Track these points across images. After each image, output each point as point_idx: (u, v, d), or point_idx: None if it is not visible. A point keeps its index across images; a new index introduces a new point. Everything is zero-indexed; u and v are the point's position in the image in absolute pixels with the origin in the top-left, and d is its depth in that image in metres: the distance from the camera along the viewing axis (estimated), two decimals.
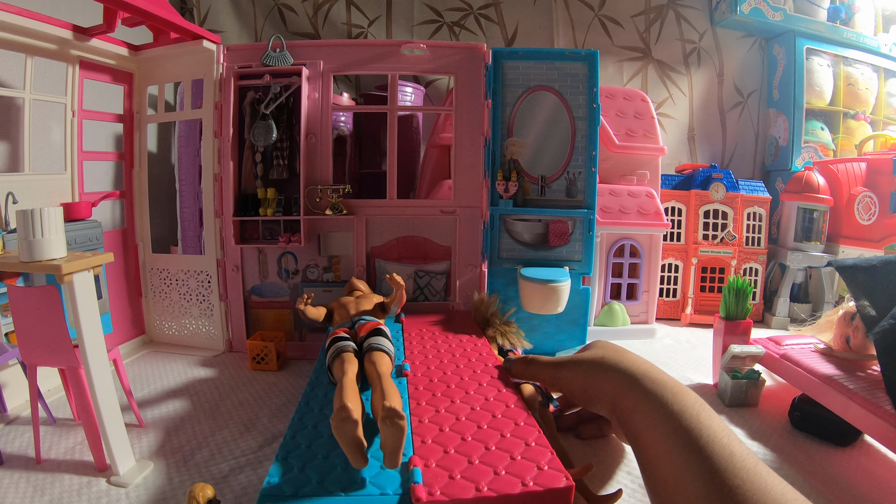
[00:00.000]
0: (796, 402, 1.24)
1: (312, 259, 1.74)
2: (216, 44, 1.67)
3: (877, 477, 1.03)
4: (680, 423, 0.40)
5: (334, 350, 1.03)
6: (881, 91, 2.58)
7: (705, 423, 0.39)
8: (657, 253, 1.97)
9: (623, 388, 0.48)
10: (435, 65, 1.72)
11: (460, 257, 1.74)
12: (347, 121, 2.13)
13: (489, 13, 2.43)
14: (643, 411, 0.44)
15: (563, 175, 1.69)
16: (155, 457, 1.07)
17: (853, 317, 1.25)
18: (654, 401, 0.44)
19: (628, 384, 0.47)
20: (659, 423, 0.41)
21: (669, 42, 2.50)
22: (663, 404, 0.42)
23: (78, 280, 0.93)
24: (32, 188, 1.42)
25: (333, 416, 0.70)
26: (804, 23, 2.42)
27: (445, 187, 1.82)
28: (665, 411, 0.41)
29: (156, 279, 1.81)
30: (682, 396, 0.42)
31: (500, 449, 0.76)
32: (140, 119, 1.78)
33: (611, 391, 0.50)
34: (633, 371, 0.48)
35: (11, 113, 1.45)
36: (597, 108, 1.65)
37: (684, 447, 0.37)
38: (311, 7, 2.38)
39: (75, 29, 1.44)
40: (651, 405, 0.43)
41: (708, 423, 0.39)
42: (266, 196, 1.65)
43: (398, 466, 0.71)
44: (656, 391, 0.44)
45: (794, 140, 2.42)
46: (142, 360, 1.65)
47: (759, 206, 2.20)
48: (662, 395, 0.44)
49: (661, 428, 0.41)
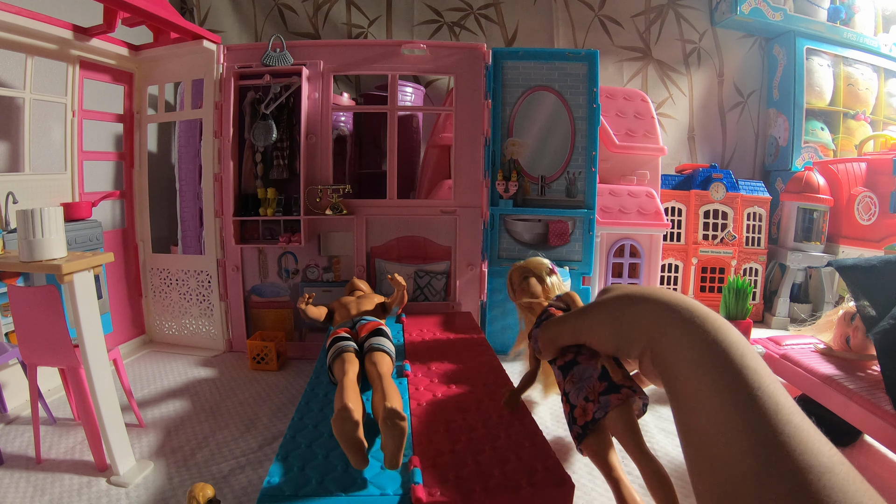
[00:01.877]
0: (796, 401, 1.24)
1: (312, 259, 1.74)
2: (216, 44, 1.67)
3: (877, 477, 1.03)
4: (728, 364, 0.33)
5: (335, 350, 1.03)
6: (881, 91, 2.58)
7: (751, 365, 0.33)
8: (657, 253, 1.97)
9: (662, 321, 0.39)
10: (435, 65, 1.72)
11: (460, 257, 1.74)
12: (347, 121, 2.13)
13: (489, 13, 2.43)
14: (685, 347, 0.36)
15: (563, 175, 1.69)
16: (155, 457, 1.07)
17: (853, 317, 1.25)
18: (698, 335, 0.36)
19: (668, 316, 0.39)
20: (703, 363, 0.35)
21: (669, 42, 2.50)
22: (708, 340, 0.35)
23: (78, 280, 0.93)
24: (32, 188, 1.42)
25: (334, 417, 0.70)
26: (804, 23, 2.42)
27: (445, 187, 1.82)
28: (712, 349, 0.35)
29: (156, 279, 1.81)
30: (727, 331, 0.36)
31: (501, 449, 0.76)
32: (140, 119, 1.78)
33: (648, 326, 0.40)
34: (672, 302, 0.39)
35: (11, 113, 1.44)
36: (597, 108, 1.65)
37: (731, 392, 0.32)
38: (312, 7, 2.38)
39: (75, 29, 1.44)
40: (695, 340, 0.36)
41: (755, 365, 0.33)
42: (266, 196, 1.65)
43: (399, 467, 0.70)
44: (699, 324, 0.37)
45: (794, 140, 2.42)
46: (142, 360, 1.65)
47: (759, 206, 2.20)
48: (706, 328, 0.36)
49: (705, 368, 0.34)
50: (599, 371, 0.75)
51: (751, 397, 0.33)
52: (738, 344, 0.37)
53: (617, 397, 0.72)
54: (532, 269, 1.20)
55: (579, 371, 0.78)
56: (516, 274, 1.21)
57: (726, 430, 0.33)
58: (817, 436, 0.32)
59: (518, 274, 1.20)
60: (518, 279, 1.20)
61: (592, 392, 0.74)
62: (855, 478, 0.30)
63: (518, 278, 1.20)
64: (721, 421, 0.34)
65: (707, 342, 0.37)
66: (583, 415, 0.74)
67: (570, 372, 0.79)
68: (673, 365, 0.39)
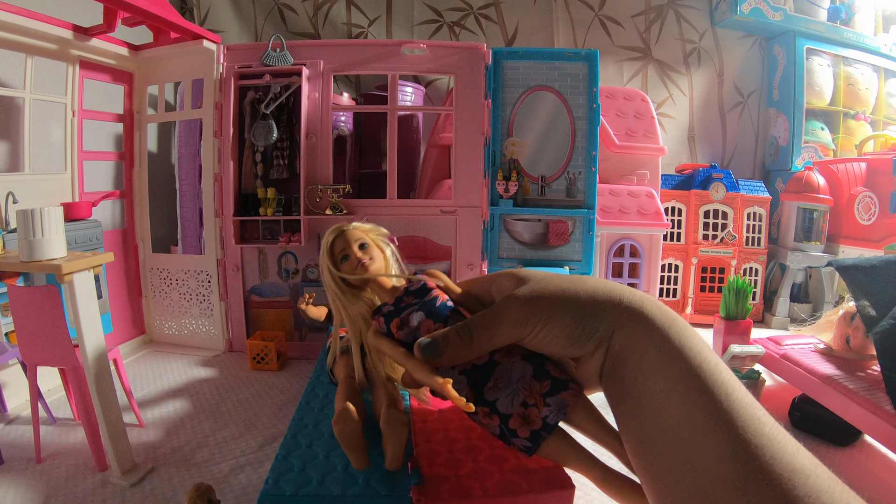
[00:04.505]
0: (796, 401, 1.24)
1: (312, 259, 1.74)
2: (216, 44, 1.67)
3: (877, 477, 1.03)
4: (701, 364, 0.32)
5: (336, 350, 1.03)
6: (881, 91, 2.58)
7: (722, 367, 0.32)
8: (657, 253, 1.97)
9: (629, 315, 0.37)
10: (435, 65, 1.72)
11: (460, 257, 1.74)
12: (347, 121, 2.13)
13: (489, 13, 2.43)
14: (657, 341, 0.34)
15: (563, 175, 1.69)
16: (155, 457, 1.07)
17: (853, 317, 1.25)
18: (672, 329, 0.34)
19: (636, 311, 0.36)
20: (676, 358, 0.33)
21: (669, 42, 2.50)
22: (682, 337, 0.34)
23: (78, 280, 0.93)
24: (32, 188, 1.42)
25: (335, 419, 0.70)
26: (804, 23, 2.42)
27: (445, 187, 1.82)
28: (684, 348, 0.33)
29: (156, 279, 1.81)
30: (694, 334, 0.35)
31: (502, 450, 0.76)
32: (140, 119, 1.78)
33: (614, 318, 0.38)
34: (636, 296, 0.37)
35: (11, 113, 1.44)
36: (597, 107, 1.65)
37: (703, 393, 0.31)
38: (312, 7, 2.37)
39: (75, 29, 1.44)
40: (667, 335, 0.34)
41: (724, 367, 0.32)
42: (266, 196, 1.65)
43: (400, 467, 0.70)
44: (669, 322, 0.35)
45: (794, 140, 2.42)
46: (142, 360, 1.65)
47: (759, 206, 2.20)
48: (676, 326, 0.35)
49: (678, 365, 0.32)
50: (532, 368, 0.59)
51: (727, 396, 0.32)
52: (705, 346, 0.35)
53: (569, 394, 0.58)
54: (372, 236, 0.90)
55: (504, 372, 0.60)
56: (339, 242, 0.86)
57: (700, 431, 0.31)
58: (791, 439, 0.31)
59: (341, 243, 0.85)
60: (339, 248, 0.85)
61: (532, 395, 0.59)
62: (835, 479, 0.28)
63: (339, 247, 0.85)
64: (693, 421, 0.32)
65: (680, 340, 0.35)
66: (525, 423, 0.59)
67: (492, 375, 0.61)
68: (638, 361, 0.36)
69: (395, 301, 0.68)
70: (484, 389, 0.62)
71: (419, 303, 0.66)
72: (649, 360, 0.35)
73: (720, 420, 0.31)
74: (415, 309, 0.65)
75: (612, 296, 0.40)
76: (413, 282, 0.70)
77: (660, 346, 0.35)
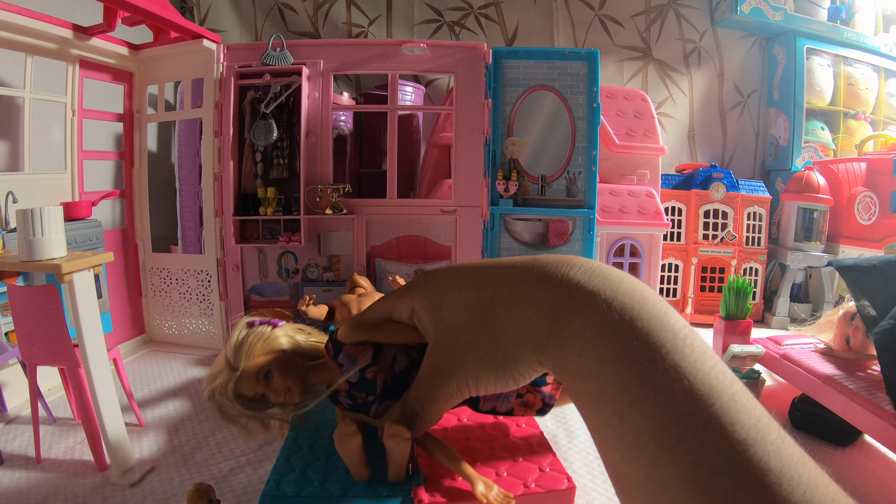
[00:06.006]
0: (796, 401, 1.24)
1: (312, 258, 1.74)
2: (216, 43, 1.67)
3: (877, 477, 1.03)
4: (698, 365, 0.27)
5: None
6: (881, 91, 2.58)
7: (720, 366, 0.27)
8: (657, 252, 1.96)
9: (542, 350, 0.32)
10: (435, 64, 1.72)
11: (460, 256, 1.74)
12: (347, 120, 2.13)
13: (489, 13, 2.43)
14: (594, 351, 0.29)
15: (564, 174, 1.69)
16: (155, 457, 1.07)
17: (853, 317, 1.25)
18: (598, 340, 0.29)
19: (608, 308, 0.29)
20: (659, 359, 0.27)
21: (670, 42, 2.50)
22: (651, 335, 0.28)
23: (78, 279, 0.93)
24: (32, 187, 1.42)
25: (337, 435, 0.67)
26: (804, 23, 2.42)
27: (445, 187, 1.82)
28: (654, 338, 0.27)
29: (156, 278, 1.81)
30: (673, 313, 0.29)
31: (502, 451, 0.76)
32: (140, 118, 1.78)
33: (529, 363, 0.33)
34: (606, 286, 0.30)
35: (11, 112, 1.44)
36: (597, 107, 1.65)
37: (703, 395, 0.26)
38: (312, 6, 2.37)
39: (75, 28, 1.44)
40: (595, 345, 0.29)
41: (722, 366, 0.28)
42: (266, 195, 1.65)
43: (402, 479, 0.69)
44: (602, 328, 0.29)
45: (795, 140, 2.42)
46: (142, 360, 1.65)
47: (759, 206, 2.20)
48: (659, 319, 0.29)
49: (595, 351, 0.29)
50: None
51: (734, 400, 0.25)
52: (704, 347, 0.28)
53: (551, 388, 0.67)
54: (259, 353, 0.70)
55: None
56: (243, 387, 0.69)
57: (712, 438, 0.24)
58: (797, 451, 0.25)
59: (245, 388, 0.70)
60: (249, 392, 0.70)
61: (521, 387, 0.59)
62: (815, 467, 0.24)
63: (248, 391, 0.70)
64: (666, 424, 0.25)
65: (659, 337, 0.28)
66: (528, 409, 0.67)
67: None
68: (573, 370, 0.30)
69: (347, 394, 0.67)
70: (479, 406, 0.69)
71: (375, 397, 0.66)
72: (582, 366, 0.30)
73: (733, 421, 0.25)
74: (371, 403, 0.67)
75: (523, 334, 0.33)
76: (339, 356, 0.65)
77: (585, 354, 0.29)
